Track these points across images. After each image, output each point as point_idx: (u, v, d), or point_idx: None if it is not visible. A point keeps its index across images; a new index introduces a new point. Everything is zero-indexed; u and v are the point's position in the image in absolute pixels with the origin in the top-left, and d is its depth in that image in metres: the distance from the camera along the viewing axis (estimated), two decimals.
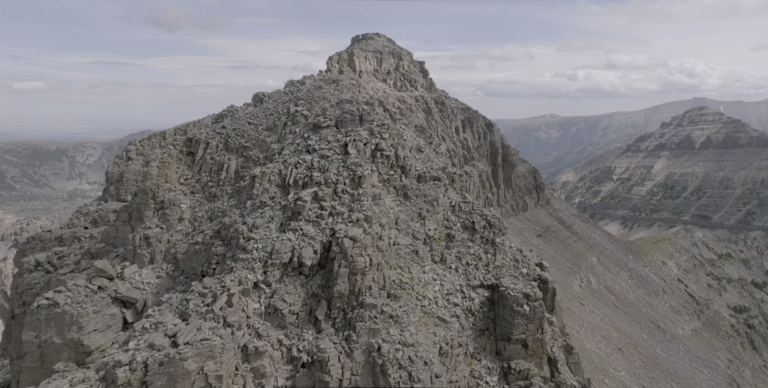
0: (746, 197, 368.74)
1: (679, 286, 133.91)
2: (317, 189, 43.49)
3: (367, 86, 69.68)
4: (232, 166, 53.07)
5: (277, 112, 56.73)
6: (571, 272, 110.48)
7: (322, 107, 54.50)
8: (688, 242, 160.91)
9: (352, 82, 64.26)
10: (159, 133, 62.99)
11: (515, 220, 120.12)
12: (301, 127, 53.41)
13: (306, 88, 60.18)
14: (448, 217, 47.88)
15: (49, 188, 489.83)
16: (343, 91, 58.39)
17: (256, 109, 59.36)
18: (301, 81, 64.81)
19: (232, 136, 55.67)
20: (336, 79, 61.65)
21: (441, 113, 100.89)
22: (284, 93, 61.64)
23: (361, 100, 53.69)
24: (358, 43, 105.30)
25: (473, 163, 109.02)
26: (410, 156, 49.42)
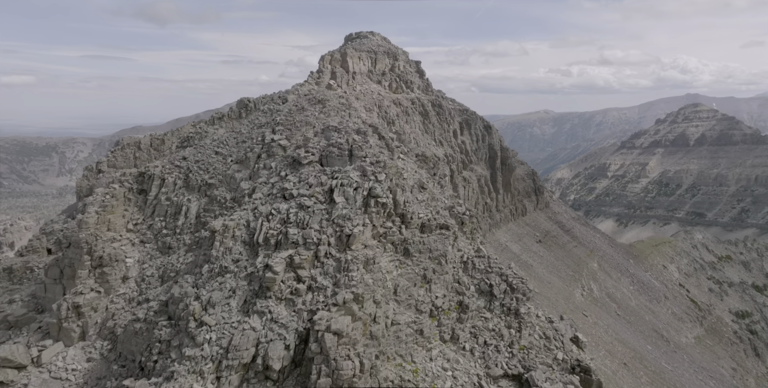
0: (740, 194, 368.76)
1: (680, 291, 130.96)
2: (293, 252, 33.45)
3: (358, 107, 57.47)
4: (193, 209, 44.41)
5: (251, 140, 47.88)
6: (572, 279, 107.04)
7: (304, 136, 45.66)
8: (688, 244, 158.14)
9: (341, 101, 53.49)
10: (135, 142, 57.80)
11: (514, 225, 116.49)
12: (277, 161, 44.54)
13: (287, 108, 51.23)
14: (459, 278, 38.47)
15: (39, 185, 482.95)
16: (330, 115, 48.76)
17: (226, 134, 50.41)
18: (283, 97, 55.81)
19: (194, 170, 46.86)
20: (322, 99, 51.41)
21: (438, 116, 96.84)
22: (262, 113, 52.64)
23: (352, 128, 44.25)
24: (351, 42, 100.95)
25: (471, 167, 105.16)
26: (411, 199, 40.33)
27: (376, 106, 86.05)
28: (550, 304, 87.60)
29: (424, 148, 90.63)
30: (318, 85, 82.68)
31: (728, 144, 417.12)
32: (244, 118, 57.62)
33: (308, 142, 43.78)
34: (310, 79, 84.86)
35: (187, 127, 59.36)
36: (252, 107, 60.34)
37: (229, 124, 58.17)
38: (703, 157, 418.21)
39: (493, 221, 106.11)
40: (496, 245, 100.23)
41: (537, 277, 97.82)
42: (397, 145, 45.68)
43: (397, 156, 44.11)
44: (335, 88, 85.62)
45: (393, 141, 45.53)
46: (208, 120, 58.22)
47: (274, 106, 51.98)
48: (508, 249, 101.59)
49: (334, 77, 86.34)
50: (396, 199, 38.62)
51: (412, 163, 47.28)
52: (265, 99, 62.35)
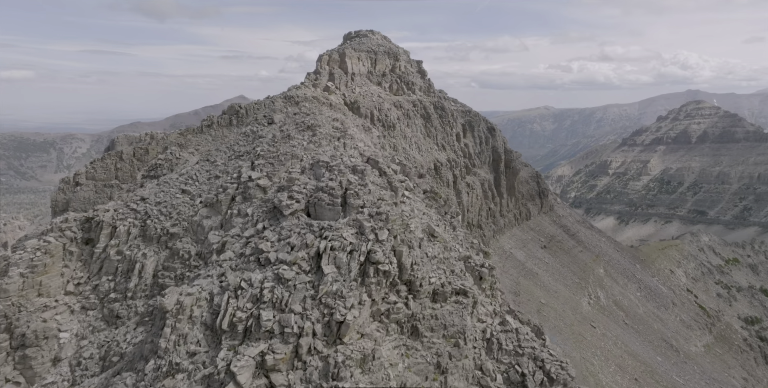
0: (743, 192, 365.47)
1: (688, 297, 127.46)
2: (266, 347, 25.56)
3: (355, 133, 44.68)
4: (149, 266, 36.12)
5: (226, 174, 39.76)
6: (579, 287, 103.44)
7: (289, 172, 37.03)
8: (694, 247, 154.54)
9: (335, 125, 43.37)
10: (117, 152, 53.68)
11: (518, 230, 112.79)
12: (255, 207, 36.56)
13: (271, 134, 42.43)
14: (482, 363, 29.90)
15: (36, 181, 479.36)
16: (322, 144, 40.00)
17: (198, 166, 41.22)
18: (269, 117, 46.70)
19: (153, 215, 38.48)
20: (313, 124, 41.92)
21: (441, 119, 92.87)
22: (242, 136, 43.91)
23: (346, 164, 35.18)
24: (350, 41, 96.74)
25: (475, 172, 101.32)
26: (420, 257, 31.88)
27: (376, 109, 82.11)
28: (557, 316, 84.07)
29: (426, 153, 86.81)
30: (315, 88, 78.63)
31: (731, 141, 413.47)
32: (234, 127, 53.65)
33: (293, 184, 35.57)
34: (307, 81, 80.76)
35: (154, 152, 53.77)
36: (243, 114, 56.46)
37: (219, 131, 54.25)
38: (705, 155, 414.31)
39: (497, 227, 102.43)
40: (501, 253, 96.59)
41: (543, 286, 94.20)
42: (401, 180, 36.06)
43: (401, 195, 35.00)
44: (333, 91, 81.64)
45: (396, 174, 35.84)
46: (197, 128, 54.25)
47: (257, 128, 43.83)
48: (512, 257, 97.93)
49: (332, 79, 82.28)
50: (401, 262, 30.38)
51: (419, 201, 37.99)
52: (258, 105, 58.43)
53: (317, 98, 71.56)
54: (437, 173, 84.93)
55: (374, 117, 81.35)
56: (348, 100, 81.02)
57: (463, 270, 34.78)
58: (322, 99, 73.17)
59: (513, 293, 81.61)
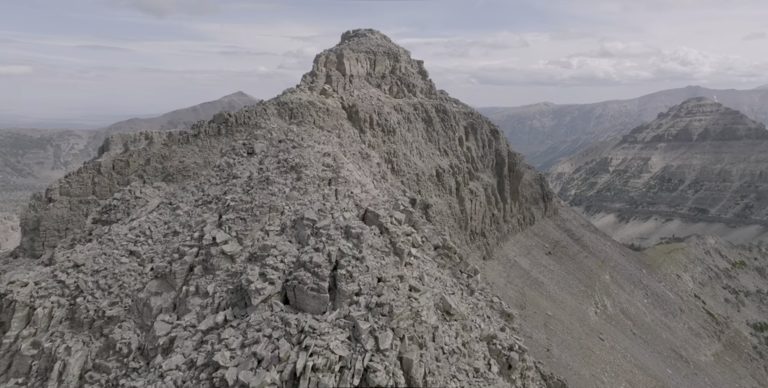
0: (744, 190, 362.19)
1: (696, 303, 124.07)
2: None
3: (350, 176, 33.42)
4: (74, 365, 27.04)
5: (188, 229, 30.74)
6: (585, 295, 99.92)
7: (266, 234, 29.15)
8: (700, 250, 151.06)
9: (325, 162, 32.57)
10: (95, 165, 49.62)
11: (522, 236, 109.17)
12: (218, 283, 28.16)
13: (247, 174, 32.57)
14: None
15: (33, 178, 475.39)
16: (308, 191, 30.56)
17: (155, 215, 32.05)
18: (249, 147, 34.87)
19: (88, 289, 29.63)
20: (298, 164, 31.45)
21: (443, 123, 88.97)
22: (216, 171, 34.15)
23: (338, 225, 26.82)
24: (348, 40, 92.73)
25: (478, 176, 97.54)
26: (434, 360, 25.18)
27: (375, 113, 78.28)
28: (565, 329, 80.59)
29: (427, 158, 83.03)
30: (311, 91, 74.80)
31: (732, 139, 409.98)
32: (223, 136, 49.72)
33: (268, 253, 27.52)
34: (303, 83, 76.93)
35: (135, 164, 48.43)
36: (233, 122, 52.56)
37: (206, 141, 50.32)
38: (707, 152, 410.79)
39: (501, 234, 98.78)
40: (505, 261, 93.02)
41: (549, 296, 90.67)
42: (407, 234, 28.02)
43: (408, 254, 26.75)
44: (331, 94, 77.81)
45: (401, 224, 28.10)
46: (182, 137, 50.31)
47: (234, 161, 33.80)
48: (517, 265, 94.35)
49: (329, 81, 78.44)
50: (411, 375, 23.43)
51: (429, 260, 30.18)
52: (248, 113, 54.59)
53: (313, 103, 67.72)
54: (439, 180, 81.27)
55: (373, 121, 77.60)
56: (346, 103, 77.26)
57: (486, 357, 28.18)
58: (319, 104, 69.34)
59: (519, 306, 78.09)
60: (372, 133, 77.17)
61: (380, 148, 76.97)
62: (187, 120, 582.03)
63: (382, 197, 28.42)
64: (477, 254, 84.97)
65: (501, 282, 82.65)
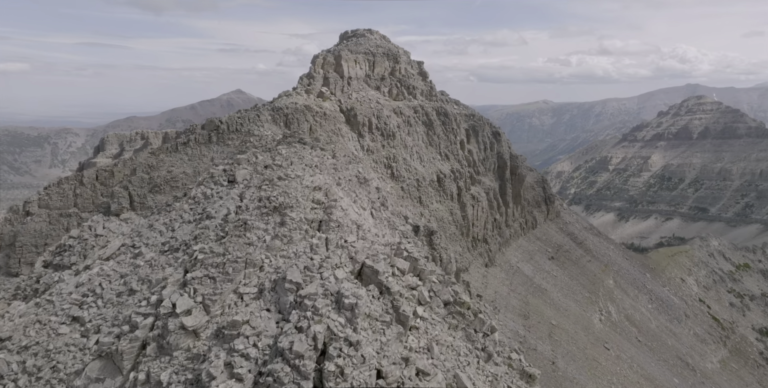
0: (744, 189, 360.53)
1: (701, 308, 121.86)
2: None
3: (343, 219, 26.35)
4: None
5: (146, 287, 24.59)
6: (589, 302, 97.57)
7: (237, 299, 22.90)
8: (704, 252, 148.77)
9: (316, 198, 26.82)
10: (77, 175, 46.86)
11: (525, 240, 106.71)
12: (172, 371, 21.98)
13: (224, 211, 26.53)
14: None
15: (31, 176, 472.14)
16: (294, 239, 24.68)
17: (110, 265, 25.71)
18: (230, 174, 29.05)
19: (6, 375, 23.15)
20: (282, 204, 25.62)
21: (444, 126, 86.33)
22: (189, 203, 28.43)
23: (328, 291, 21.14)
24: (347, 41, 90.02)
25: (479, 180, 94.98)
26: None
27: (374, 117, 75.66)
28: (570, 339, 78.22)
29: (428, 163, 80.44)
30: (308, 94, 72.18)
31: (732, 137, 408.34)
32: (213, 144, 47.03)
33: (238, 331, 21.49)
34: (299, 86, 74.27)
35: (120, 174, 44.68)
36: (224, 129, 49.89)
37: (196, 150, 47.66)
38: (707, 151, 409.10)
39: (503, 239, 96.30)
40: (507, 268, 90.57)
41: (553, 304, 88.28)
42: (412, 287, 22.25)
43: (413, 315, 21.44)
44: (328, 97, 75.22)
45: (404, 275, 22.67)
46: (170, 146, 47.65)
47: (211, 191, 28.26)
48: (519, 271, 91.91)
49: (326, 83, 75.80)
50: None
51: (439, 323, 23.70)
52: (241, 118, 51.92)
53: (309, 108, 65.10)
54: (440, 186, 78.72)
55: (372, 125, 75.04)
56: (344, 107, 74.68)
57: None
58: (316, 108, 66.75)
59: (522, 315, 75.73)
60: (371, 138, 74.64)
61: (379, 152, 74.47)
62: (186, 118, 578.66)
63: (382, 238, 23.28)
64: (479, 262, 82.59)
65: (504, 291, 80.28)
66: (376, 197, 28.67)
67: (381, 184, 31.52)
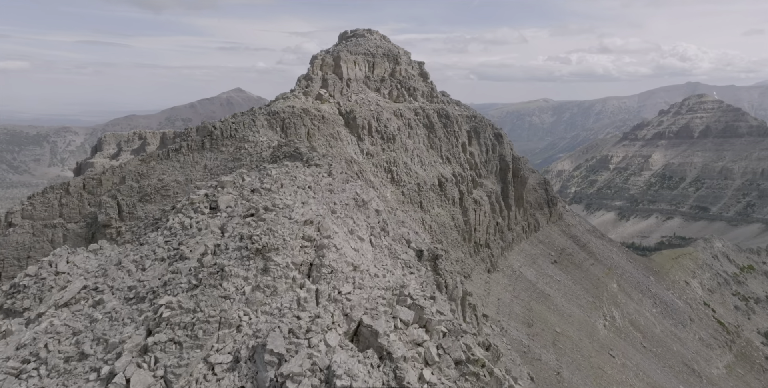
0: (746, 188, 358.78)
1: (705, 311, 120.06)
2: None
3: (338, 263, 21.35)
4: None
5: (98, 355, 18.14)
6: (593, 307, 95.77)
7: (208, 371, 17.27)
8: (708, 254, 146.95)
9: (306, 234, 22.01)
10: (62, 184, 44.72)
11: (527, 244, 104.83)
12: None
13: (199, 251, 21.77)
14: None
15: (30, 175, 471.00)
16: (278, 291, 19.75)
17: (56, 322, 19.83)
18: (212, 200, 25.59)
19: None
20: (266, 246, 20.59)
21: (445, 129, 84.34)
22: (164, 236, 24.44)
23: (318, 368, 15.53)
24: (346, 41, 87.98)
25: (481, 182, 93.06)
26: None
27: (374, 120, 73.68)
28: (574, 347, 76.41)
29: (429, 167, 78.48)
30: (306, 96, 70.20)
31: (734, 136, 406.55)
32: (207, 151, 45.06)
33: None
34: (297, 88, 72.29)
35: (109, 183, 42.28)
36: (218, 135, 47.94)
37: (189, 156, 45.69)
38: (708, 150, 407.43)
39: (505, 243, 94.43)
40: (510, 273, 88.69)
41: (557, 310, 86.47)
42: (417, 343, 17.93)
43: (419, 380, 16.82)
44: (327, 99, 73.26)
45: (408, 327, 18.48)
46: (162, 152, 45.64)
47: (189, 221, 24.34)
48: (522, 276, 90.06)
49: (325, 85, 73.81)
50: None
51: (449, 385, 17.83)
52: (235, 123, 49.94)
53: (307, 111, 63.13)
54: (442, 190, 76.78)
55: (372, 128, 73.09)
56: (343, 109, 72.71)
57: None
58: (314, 111, 64.79)
59: (526, 323, 73.90)
60: (371, 141, 72.70)
61: (379, 156, 72.54)
62: (185, 116, 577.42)
63: (383, 278, 19.56)
64: (481, 267, 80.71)
65: (507, 297, 78.42)
66: (376, 222, 25.98)
67: (381, 205, 27.97)
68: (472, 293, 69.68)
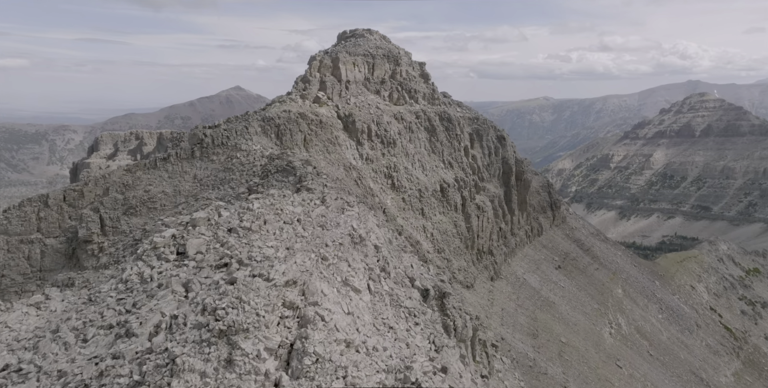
0: (748, 187, 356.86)
1: (712, 317, 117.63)
2: None
3: (323, 342, 15.33)
4: None
5: None
6: (599, 314, 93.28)
7: None
8: (713, 257, 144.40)
9: (288, 301, 16.60)
10: (41, 196, 41.94)
11: (530, 249, 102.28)
12: None
13: (157, 315, 16.64)
14: None
15: (28, 174, 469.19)
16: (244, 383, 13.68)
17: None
18: (180, 243, 21.23)
19: None
20: (236, 325, 14.61)
21: (447, 132, 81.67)
22: (118, 289, 19.85)
23: None
24: (345, 41, 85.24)
25: (484, 186, 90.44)
26: None
27: (374, 123, 71.04)
28: (580, 358, 73.95)
29: (431, 172, 75.90)
30: (304, 99, 67.52)
31: (735, 135, 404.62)
32: (197, 160, 42.42)
33: None
34: (294, 91, 69.59)
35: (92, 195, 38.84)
36: (209, 143, 45.29)
37: (177, 166, 43.07)
38: (709, 149, 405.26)
39: (509, 249, 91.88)
40: (514, 280, 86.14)
41: (562, 318, 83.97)
42: None
43: None
44: (325, 102, 70.60)
45: None
46: (149, 162, 42.95)
47: (150, 272, 19.91)
48: (526, 284, 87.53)
49: (323, 88, 71.11)
50: None
51: None
52: (227, 131, 47.27)
53: (304, 116, 60.49)
54: (444, 196, 74.20)
55: (372, 132, 70.46)
56: (342, 112, 70.06)
57: None
58: (311, 115, 62.15)
59: (531, 334, 71.42)
60: (370, 145, 70.09)
61: (379, 161, 69.92)
62: (184, 115, 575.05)
63: (383, 353, 15.51)
64: (484, 275, 78.17)
65: (511, 307, 75.90)
66: (375, 261, 22.53)
67: (380, 235, 24.47)
68: (475, 303, 67.20)
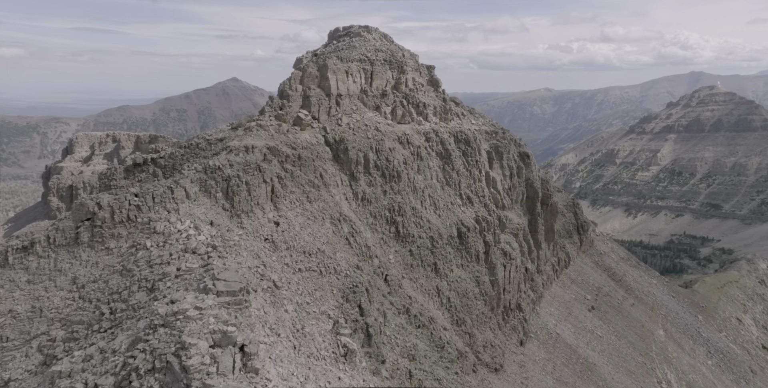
0: (760, 184, 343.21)
1: (766, 358, 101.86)
2: None
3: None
4: None
5: None
6: (645, 371, 77.22)
7: None
8: (754, 278, 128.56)
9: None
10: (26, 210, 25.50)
11: (558, 287, 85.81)
12: None
13: None
14: None
15: (19, 167, 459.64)
16: None
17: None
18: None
19: None
20: None
21: (465, 158, 64.52)
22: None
23: None
24: (337, 41, 67.69)
25: (506, 217, 73.44)
26: None
27: (372, 151, 54.06)
28: None
29: (445, 211, 58.87)
30: (280, 123, 50.33)
31: (747, 130, 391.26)
32: (84, 247, 25.80)
33: None
34: (268, 110, 52.37)
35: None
36: (105, 218, 28.57)
37: (48, 261, 26.53)
38: (720, 144, 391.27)
39: (536, 294, 75.31)
40: (546, 338, 69.62)
41: (606, 384, 67.72)
42: None
43: None
44: (308, 123, 53.47)
45: None
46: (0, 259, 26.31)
47: None
48: (560, 340, 71.10)
49: (307, 105, 53.97)
50: None
51: None
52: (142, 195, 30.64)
53: (277, 151, 43.29)
54: (462, 243, 57.38)
55: (369, 163, 53.55)
56: (331, 137, 53.07)
57: None
58: (286, 150, 44.90)
59: None
60: (367, 180, 53.19)
61: (380, 202, 53.01)
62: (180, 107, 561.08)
63: None
64: (513, 341, 61.69)
65: (549, 383, 59.53)
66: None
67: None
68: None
